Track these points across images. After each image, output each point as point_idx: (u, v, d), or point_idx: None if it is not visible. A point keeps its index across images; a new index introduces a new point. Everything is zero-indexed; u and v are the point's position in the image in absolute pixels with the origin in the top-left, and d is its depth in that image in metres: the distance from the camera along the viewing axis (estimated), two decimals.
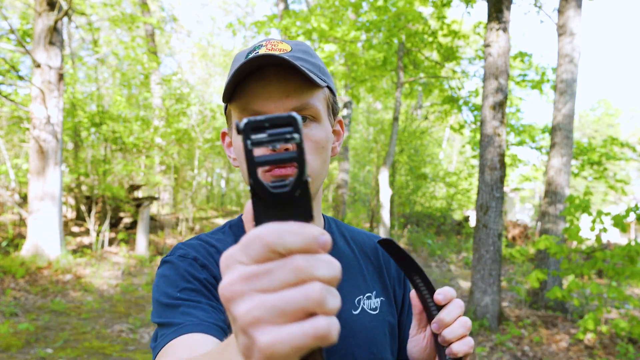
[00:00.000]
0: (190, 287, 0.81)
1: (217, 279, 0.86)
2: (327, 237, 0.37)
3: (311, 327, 0.34)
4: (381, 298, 0.96)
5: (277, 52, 0.83)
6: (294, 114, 0.39)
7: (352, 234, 1.03)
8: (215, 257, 0.88)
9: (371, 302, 0.93)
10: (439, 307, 0.75)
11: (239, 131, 0.39)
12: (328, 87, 0.89)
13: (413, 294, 0.78)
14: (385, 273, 1.01)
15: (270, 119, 0.38)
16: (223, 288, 0.36)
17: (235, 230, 0.96)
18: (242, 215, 0.99)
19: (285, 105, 0.82)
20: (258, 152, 0.65)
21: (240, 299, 0.35)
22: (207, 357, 0.55)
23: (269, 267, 0.36)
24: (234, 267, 0.37)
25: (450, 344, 0.71)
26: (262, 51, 0.84)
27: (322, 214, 1.01)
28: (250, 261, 0.36)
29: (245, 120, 0.39)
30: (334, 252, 0.94)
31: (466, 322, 0.72)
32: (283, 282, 0.35)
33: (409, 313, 1.02)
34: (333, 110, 0.93)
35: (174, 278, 0.83)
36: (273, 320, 0.34)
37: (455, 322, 0.72)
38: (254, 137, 0.39)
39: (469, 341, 0.72)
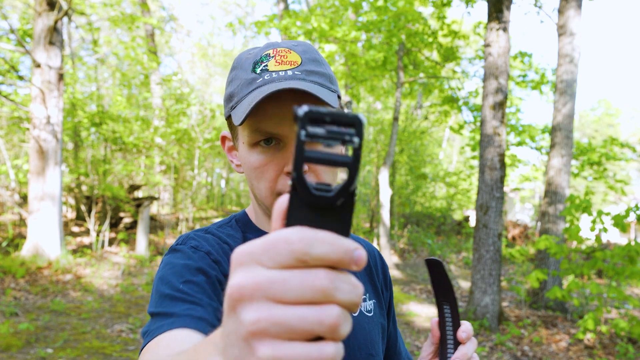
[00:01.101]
0: (195, 281, 0.78)
1: (228, 277, 0.82)
2: (361, 253, 0.34)
3: (317, 351, 0.32)
4: (373, 300, 0.97)
5: (287, 67, 0.82)
6: (361, 115, 0.35)
7: None
8: (229, 255, 0.85)
9: (366, 305, 0.94)
10: (456, 342, 0.77)
11: (295, 118, 0.35)
12: (337, 94, 0.89)
13: (435, 321, 0.81)
14: (375, 275, 1.02)
15: (334, 115, 0.34)
16: (233, 287, 0.33)
17: (241, 226, 0.94)
18: (246, 209, 0.99)
19: None
20: (310, 145, 0.63)
21: (249, 304, 0.33)
22: (185, 355, 0.51)
23: (287, 276, 0.32)
24: (251, 267, 0.33)
25: None
26: (271, 64, 0.83)
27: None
28: (272, 264, 0.33)
29: (305, 109, 0.34)
30: None
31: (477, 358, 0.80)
32: (299, 298, 0.32)
33: (393, 316, 1.06)
34: None
35: (180, 268, 0.80)
36: (279, 335, 0.32)
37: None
38: (310, 129, 0.34)
39: None
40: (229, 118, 0.88)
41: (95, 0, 9.74)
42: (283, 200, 0.36)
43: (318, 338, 0.33)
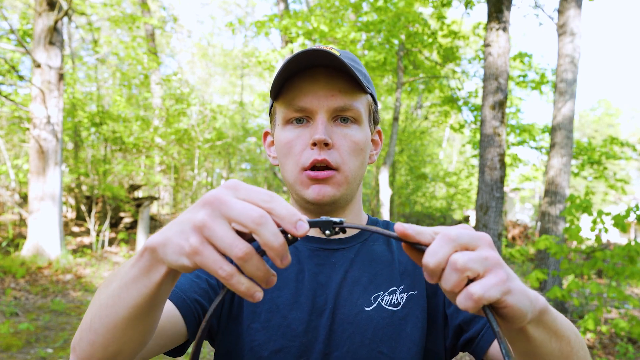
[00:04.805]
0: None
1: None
2: (303, 225, 0.48)
3: (219, 263, 0.47)
4: (411, 292, 0.88)
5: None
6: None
7: None
8: None
9: (393, 297, 0.87)
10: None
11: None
12: (371, 95, 0.92)
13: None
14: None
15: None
16: (209, 193, 0.49)
17: None
18: None
19: (329, 103, 0.84)
20: None
21: (207, 209, 0.48)
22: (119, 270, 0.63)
23: (240, 203, 0.48)
24: (230, 191, 0.49)
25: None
26: None
27: (376, 218, 1.02)
28: (241, 196, 0.49)
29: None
30: (366, 252, 0.93)
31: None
32: (236, 218, 0.47)
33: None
34: (374, 118, 0.95)
35: None
36: (206, 238, 0.48)
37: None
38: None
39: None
40: (271, 108, 0.93)
41: (95, 0, 9.74)
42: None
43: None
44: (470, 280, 0.48)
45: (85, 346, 0.61)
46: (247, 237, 0.48)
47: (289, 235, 0.49)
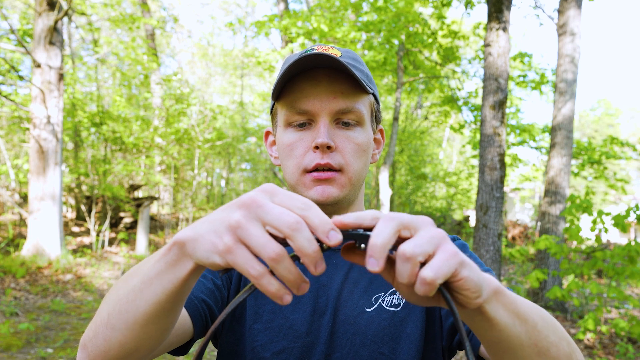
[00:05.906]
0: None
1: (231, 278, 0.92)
2: (335, 235, 0.47)
3: (251, 262, 0.47)
4: None
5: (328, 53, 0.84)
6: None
7: None
8: None
9: (394, 298, 0.88)
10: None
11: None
12: (373, 94, 0.92)
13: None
14: None
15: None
16: (247, 195, 0.48)
17: None
18: None
19: (332, 105, 0.84)
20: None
21: (244, 210, 0.48)
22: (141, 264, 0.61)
23: (278, 208, 0.47)
24: (267, 195, 0.49)
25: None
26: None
27: None
28: (277, 201, 0.48)
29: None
30: None
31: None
32: (271, 222, 0.47)
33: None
34: (376, 118, 0.95)
35: None
36: (240, 240, 0.47)
37: None
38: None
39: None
40: (272, 108, 0.93)
41: (95, 0, 9.74)
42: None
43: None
44: (422, 265, 0.47)
45: (101, 343, 0.59)
46: (281, 242, 0.48)
47: (324, 245, 0.48)
